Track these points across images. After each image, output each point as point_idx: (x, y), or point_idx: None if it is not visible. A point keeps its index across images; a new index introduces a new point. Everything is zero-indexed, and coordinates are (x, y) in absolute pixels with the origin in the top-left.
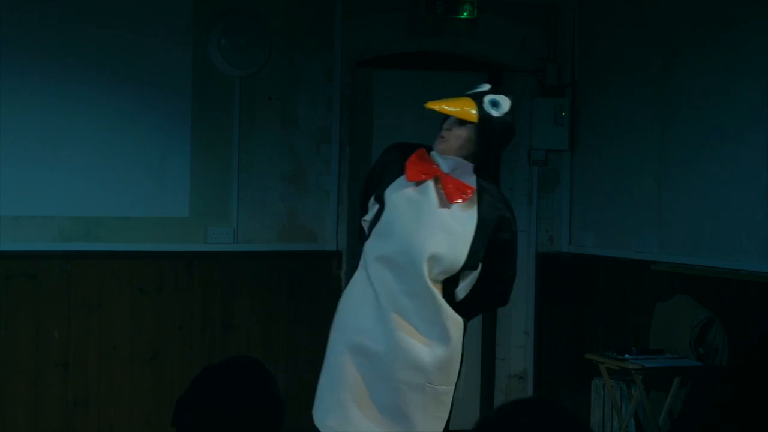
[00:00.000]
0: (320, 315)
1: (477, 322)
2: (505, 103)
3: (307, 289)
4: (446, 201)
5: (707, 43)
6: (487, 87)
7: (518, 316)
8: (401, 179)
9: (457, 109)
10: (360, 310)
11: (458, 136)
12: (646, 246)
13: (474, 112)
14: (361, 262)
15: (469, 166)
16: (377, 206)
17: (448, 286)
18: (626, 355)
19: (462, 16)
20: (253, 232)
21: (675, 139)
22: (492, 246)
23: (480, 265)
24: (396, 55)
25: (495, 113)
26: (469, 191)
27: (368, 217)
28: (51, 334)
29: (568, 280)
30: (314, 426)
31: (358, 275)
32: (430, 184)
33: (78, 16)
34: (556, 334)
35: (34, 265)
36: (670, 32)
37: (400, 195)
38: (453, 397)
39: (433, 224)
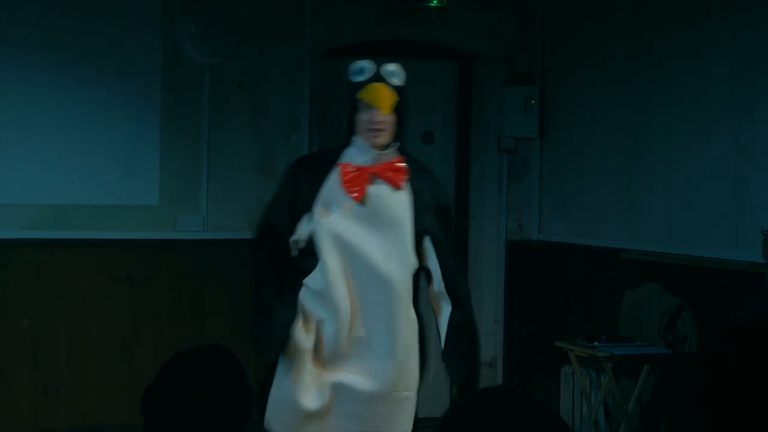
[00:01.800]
0: None
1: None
2: (397, 68)
3: None
4: (388, 192)
5: (678, 32)
6: (366, 64)
7: (488, 304)
8: (338, 198)
9: (389, 102)
10: (322, 317)
11: (390, 121)
12: (615, 234)
13: (392, 93)
14: (317, 273)
15: (396, 144)
16: (312, 224)
17: (419, 279)
18: (595, 343)
19: (432, 4)
20: (223, 221)
21: (645, 128)
22: (438, 214)
23: (429, 235)
24: (366, 43)
25: (400, 82)
26: (402, 167)
27: (301, 236)
28: (20, 322)
29: (537, 268)
30: None
31: (318, 281)
32: (370, 189)
33: (44, 4)
34: (526, 322)
35: (3, 253)
36: (641, 20)
37: (348, 218)
38: (416, 403)
39: (388, 238)
